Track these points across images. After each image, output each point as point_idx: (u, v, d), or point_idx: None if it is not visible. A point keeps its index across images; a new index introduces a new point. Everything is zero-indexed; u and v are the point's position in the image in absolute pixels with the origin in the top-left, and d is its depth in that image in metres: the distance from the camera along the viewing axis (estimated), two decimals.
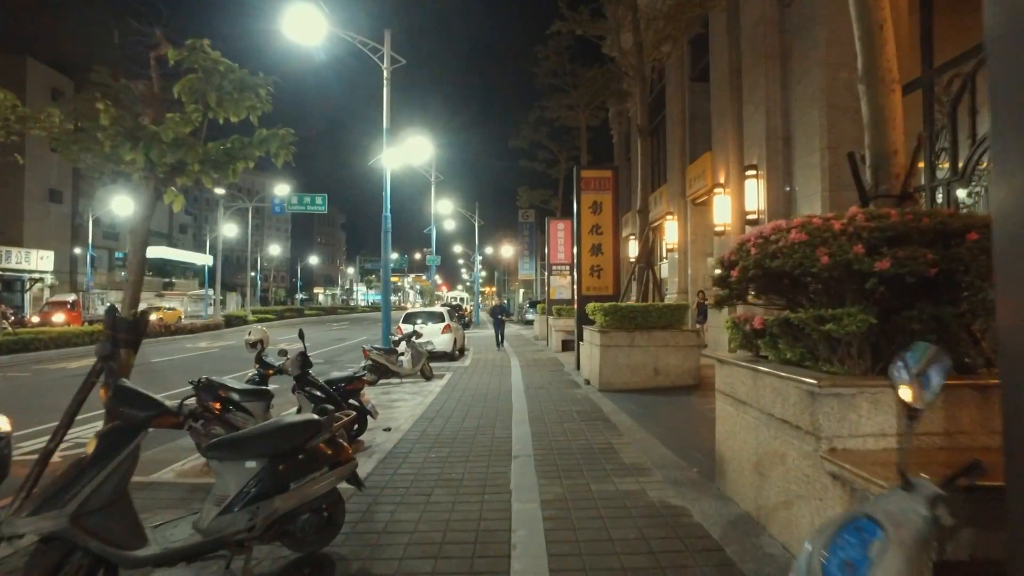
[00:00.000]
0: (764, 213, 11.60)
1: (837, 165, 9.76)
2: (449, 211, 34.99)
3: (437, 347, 15.78)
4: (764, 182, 11.60)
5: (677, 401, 8.39)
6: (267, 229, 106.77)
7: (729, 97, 13.25)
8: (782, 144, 11.44)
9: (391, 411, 8.79)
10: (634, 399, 8.56)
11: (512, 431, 6.74)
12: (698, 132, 16.94)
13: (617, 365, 9.39)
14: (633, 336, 9.42)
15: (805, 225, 3.22)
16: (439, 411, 8.30)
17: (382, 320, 13.80)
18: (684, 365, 9.49)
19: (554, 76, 19.26)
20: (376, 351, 11.89)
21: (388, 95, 13.75)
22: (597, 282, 12.24)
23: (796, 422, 3.12)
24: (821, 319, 3.11)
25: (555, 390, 9.93)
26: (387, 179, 13.74)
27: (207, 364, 15.56)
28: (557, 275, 19.62)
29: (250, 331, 6.94)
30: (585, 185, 12.31)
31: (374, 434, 7.16)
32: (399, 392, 10.70)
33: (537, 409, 8.14)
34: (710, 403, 8.44)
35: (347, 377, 6.95)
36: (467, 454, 5.76)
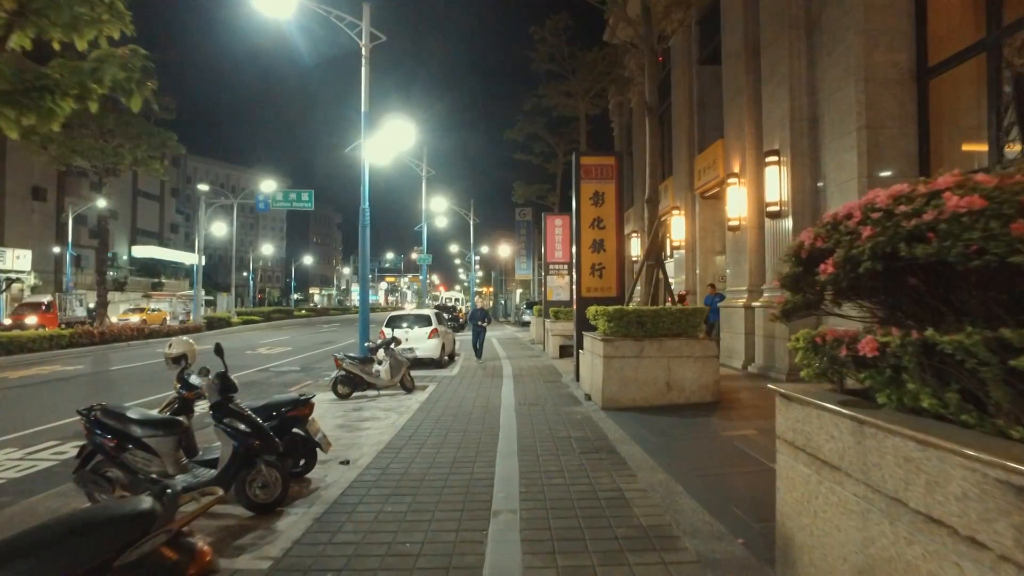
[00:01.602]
0: (787, 204, 10.27)
1: (877, 147, 8.44)
2: (444, 209, 33.63)
3: (422, 353, 14.44)
4: (787, 169, 10.27)
5: (696, 425, 7.05)
6: (261, 229, 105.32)
7: (745, 77, 11.92)
8: (808, 126, 10.11)
9: (357, 434, 7.44)
10: (644, 421, 7.22)
11: (496, 468, 5.40)
12: (707, 120, 15.63)
13: (623, 379, 8.06)
14: (641, 345, 8.08)
15: (976, 186, 1.87)
16: (412, 435, 6.96)
17: (359, 324, 12.44)
18: (701, 379, 8.15)
19: (551, 61, 17.92)
20: (349, 360, 10.54)
21: (367, 75, 12.41)
22: (599, 282, 10.89)
23: (970, 532, 1.76)
24: (1004, 345, 1.78)
25: (551, 407, 8.58)
26: (365, 168, 12.39)
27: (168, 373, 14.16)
28: (555, 275, 18.27)
29: (171, 343, 5.58)
30: (585, 173, 10.96)
31: (327, 468, 5.83)
32: (372, 408, 9.36)
33: (528, 434, 6.79)
34: (738, 428, 6.88)
35: (290, 401, 5.59)
36: (434, 507, 4.41)
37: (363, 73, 12.43)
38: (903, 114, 8.41)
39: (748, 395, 8.75)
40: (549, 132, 22.59)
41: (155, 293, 58.23)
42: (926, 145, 8.34)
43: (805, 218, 10.10)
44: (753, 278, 11.76)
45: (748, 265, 11.84)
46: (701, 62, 15.75)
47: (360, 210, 12.45)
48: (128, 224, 68.19)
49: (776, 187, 10.49)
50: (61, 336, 18.74)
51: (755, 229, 11.84)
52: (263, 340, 24.96)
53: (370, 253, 12.22)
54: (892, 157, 8.41)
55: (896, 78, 8.41)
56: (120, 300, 51.65)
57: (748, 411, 7.66)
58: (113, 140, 19.37)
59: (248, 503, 4.54)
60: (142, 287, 62.00)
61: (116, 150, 19.46)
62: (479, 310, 17.13)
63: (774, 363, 10.39)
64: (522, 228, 42.40)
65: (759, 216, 11.76)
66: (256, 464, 4.59)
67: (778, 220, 10.53)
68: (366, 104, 12.52)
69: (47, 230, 50.19)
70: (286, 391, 11.54)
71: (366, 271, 12.39)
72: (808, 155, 10.10)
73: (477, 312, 16.93)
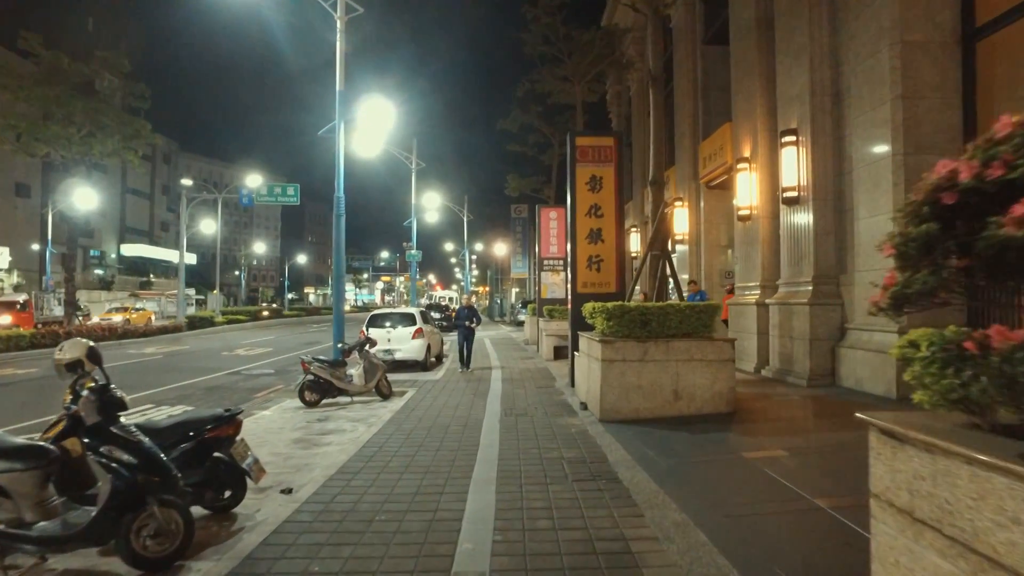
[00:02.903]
0: (807, 188, 9.19)
1: (916, 119, 7.35)
2: (436, 205, 32.47)
3: (406, 355, 13.35)
4: (806, 150, 9.19)
5: (712, 442, 5.95)
6: (256, 228, 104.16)
7: (757, 52, 10.83)
8: (830, 102, 9.04)
9: (313, 452, 6.34)
10: (649, 437, 6.13)
11: (467, 503, 4.30)
12: (713, 103, 14.56)
13: (624, 386, 6.96)
14: (646, 347, 6.99)
15: None
16: (375, 454, 5.86)
17: (334, 323, 11.33)
18: (714, 386, 7.06)
19: (546, 43, 16.81)
20: (318, 363, 9.43)
21: (341, 50, 11.30)
22: (596, 277, 9.80)
23: None
24: None
25: (541, 418, 7.49)
26: (340, 152, 11.28)
27: (128, 377, 13.05)
28: (549, 271, 17.17)
29: (62, 346, 4.44)
30: (581, 155, 9.87)
31: (263, 498, 4.77)
32: (340, 418, 8.26)
33: (512, 454, 5.69)
34: (763, 447, 5.62)
35: (211, 418, 4.47)
36: (376, 565, 3.31)
37: (338, 48, 11.33)
38: (945, 82, 7.33)
39: (767, 404, 7.66)
40: (544, 122, 21.49)
41: (143, 292, 57.00)
42: (972, 117, 7.26)
43: (827, 204, 9.02)
44: (766, 272, 10.68)
45: (760, 258, 10.76)
46: (706, 42, 14.67)
47: (334, 198, 11.33)
48: (117, 222, 66.95)
49: (794, 170, 9.40)
50: (21, 337, 17.59)
51: (768, 218, 10.75)
52: (245, 340, 23.82)
53: (365, 252, 11.19)
54: (932, 131, 7.33)
55: (937, 40, 7.33)
56: (107, 299, 50.50)
57: (771, 425, 6.57)
58: (83, 129, 18.21)
59: (133, 558, 3.45)
60: (130, 286, 60.77)
61: (85, 140, 18.30)
62: (465, 308, 13.87)
63: (792, 366, 9.31)
64: (518, 225, 41.23)
65: (772, 204, 10.68)
66: (146, 505, 3.49)
67: (796, 207, 9.45)
68: (341, 82, 11.41)
69: (31, 227, 48.95)
70: (251, 397, 10.44)
71: (341, 265, 11.28)
72: (830, 134, 9.02)
73: (463, 311, 13.69)
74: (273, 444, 6.76)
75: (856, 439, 6.00)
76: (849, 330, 8.54)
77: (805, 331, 8.95)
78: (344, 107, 11.67)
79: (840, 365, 8.55)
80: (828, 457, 5.12)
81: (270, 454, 6.28)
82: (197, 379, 12.56)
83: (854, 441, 5.56)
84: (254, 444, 6.85)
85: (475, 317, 13.51)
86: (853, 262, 8.55)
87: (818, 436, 5.87)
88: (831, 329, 8.81)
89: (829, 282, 8.97)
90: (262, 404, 9.61)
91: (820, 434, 5.96)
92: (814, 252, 9.01)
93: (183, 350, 19.66)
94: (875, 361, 7.68)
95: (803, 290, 9.21)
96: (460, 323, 13.43)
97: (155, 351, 19.13)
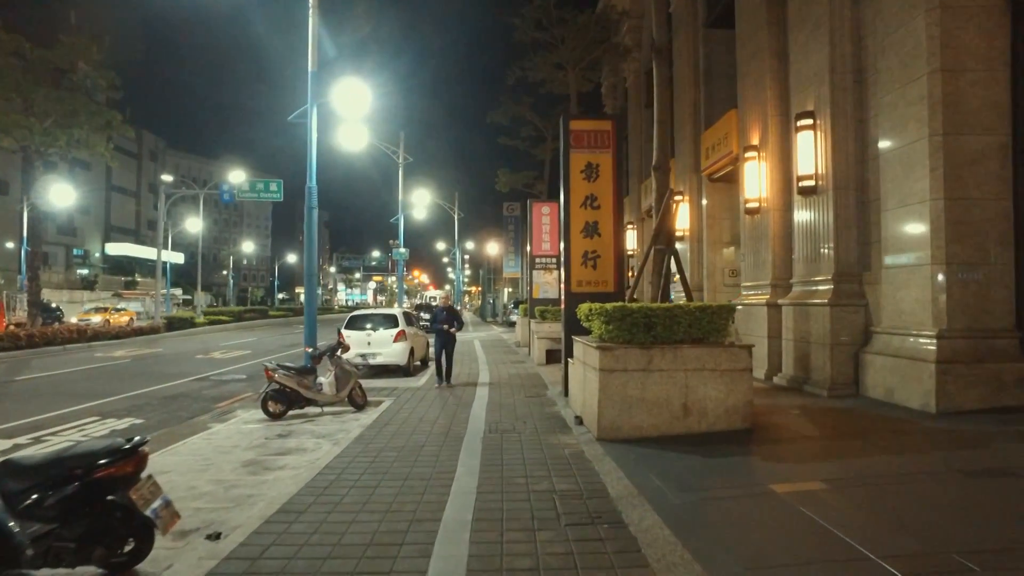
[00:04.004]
0: (826, 177, 8.30)
1: (955, 96, 6.47)
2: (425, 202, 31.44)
3: (387, 359, 12.39)
4: (825, 134, 8.30)
5: (732, 470, 5.03)
6: (246, 227, 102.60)
7: (767, 29, 9.94)
8: (852, 80, 8.15)
9: (262, 479, 5.39)
10: (657, 462, 5.20)
11: (431, 560, 3.36)
12: (716, 91, 13.66)
13: (626, 399, 6.04)
14: (650, 355, 6.06)
15: None
16: (331, 484, 4.91)
17: (305, 326, 10.35)
18: (729, 399, 6.15)
19: (538, 28, 15.87)
20: (283, 371, 8.46)
21: (314, 26, 10.32)
22: (592, 274, 8.87)
23: None
24: None
25: (530, 436, 6.55)
26: (312, 138, 10.30)
27: (81, 384, 12.02)
28: (541, 270, 16.25)
29: None
30: (576, 141, 8.94)
31: (183, 547, 3.83)
32: (303, 433, 7.30)
33: (494, 486, 4.75)
34: (795, 477, 4.64)
35: (104, 452, 3.48)
36: None
37: (310, 24, 10.34)
38: (991, 52, 6.45)
39: (788, 419, 6.75)
40: (536, 114, 20.57)
41: (127, 292, 55.63)
42: (1022, 92, 6.39)
43: (849, 193, 8.14)
44: (777, 270, 9.79)
45: (771, 255, 9.87)
46: (708, 25, 13.75)
47: (305, 189, 10.36)
48: (101, 220, 65.51)
49: (810, 157, 8.51)
50: None
51: (779, 211, 9.87)
52: (224, 342, 22.75)
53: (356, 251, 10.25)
54: (975, 108, 6.45)
55: (982, 4, 6.45)
56: (89, 299, 49.18)
57: (797, 446, 5.66)
58: (47, 118, 17.10)
59: None
60: (115, 285, 59.35)
61: (50, 130, 17.19)
62: (443, 308, 11.32)
63: (809, 374, 8.42)
64: (510, 223, 40.38)
65: (784, 195, 9.79)
66: None
67: (813, 197, 8.56)
68: (314, 63, 10.43)
69: (10, 224, 47.53)
70: (212, 407, 9.45)
71: (313, 262, 10.30)
72: (852, 115, 8.14)
73: (441, 311, 11.16)
74: (219, 468, 5.80)
75: (911, 467, 4.81)
76: (875, 334, 7.65)
77: (824, 335, 8.06)
78: (318, 90, 10.71)
79: (865, 373, 7.66)
80: (879, 493, 4.20)
81: (211, 481, 5.33)
82: (158, 386, 11.55)
83: (908, 470, 4.65)
84: (197, 468, 5.91)
85: (455, 320, 11.03)
86: (879, 258, 7.67)
87: (859, 463, 4.95)
88: (854, 332, 7.92)
89: (851, 280, 8.08)
90: (222, 415, 8.63)
91: (861, 460, 5.04)
92: (834, 247, 8.12)
93: (155, 353, 18.59)
94: (909, 369, 6.79)
95: (821, 289, 8.32)
96: (437, 327, 10.90)
97: (124, 354, 18.05)
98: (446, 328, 10.80)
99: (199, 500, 4.81)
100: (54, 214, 49.69)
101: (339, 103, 11.27)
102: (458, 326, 11.07)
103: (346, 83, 11.11)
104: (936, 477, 4.55)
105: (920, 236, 6.75)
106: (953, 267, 6.48)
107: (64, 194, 31.55)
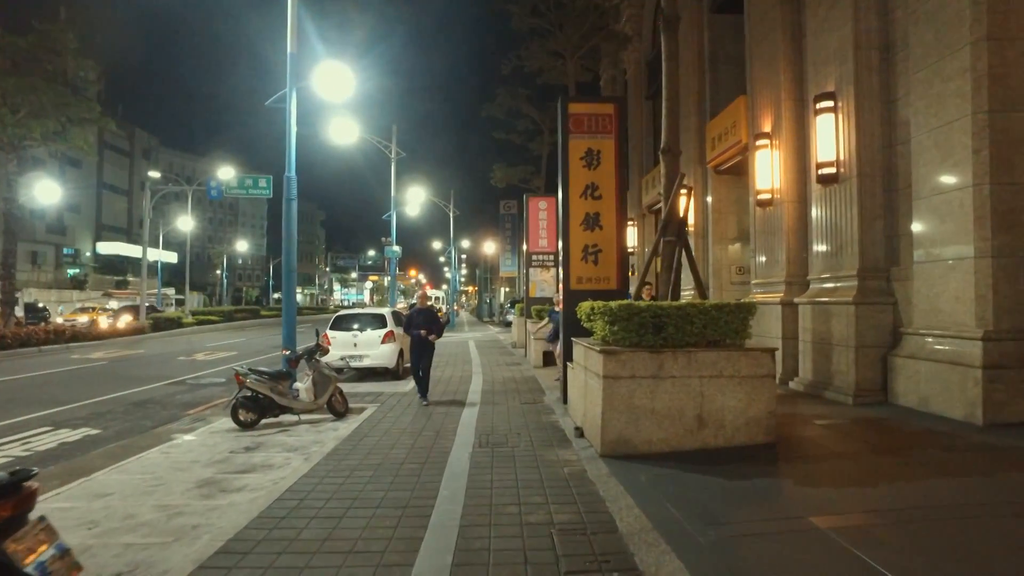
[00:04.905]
0: (849, 163, 7.59)
1: (1003, 67, 5.76)
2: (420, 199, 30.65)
3: (374, 362, 11.65)
4: (848, 117, 7.59)
5: (762, 496, 4.30)
6: (240, 226, 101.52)
7: (781, 7, 9.23)
8: (878, 56, 7.44)
9: (214, 504, 4.65)
10: (672, 486, 4.48)
11: None
12: (722, 78, 12.97)
13: (633, 409, 5.31)
14: (661, 359, 5.34)
15: None
16: (289, 513, 4.17)
17: (283, 326, 9.60)
18: (749, 409, 5.43)
19: (535, 14, 15.13)
20: (256, 376, 7.72)
21: (294, 5, 9.56)
22: (593, 270, 8.15)
23: None
24: None
25: (525, 452, 5.82)
26: (291, 124, 9.55)
27: (46, 389, 11.25)
28: (538, 267, 15.52)
29: None
30: (575, 125, 8.21)
31: None
32: (274, 446, 6.55)
33: (481, 517, 4.02)
34: (835, 504, 3.87)
35: None
36: None
37: (289, 2, 9.59)
38: None
39: (814, 432, 6.02)
40: (533, 106, 19.82)
41: (118, 292, 54.70)
42: None
43: (875, 180, 7.42)
44: (792, 266, 9.09)
45: (785, 250, 9.16)
46: (714, 10, 13.06)
47: (284, 179, 9.61)
48: (92, 219, 64.49)
49: (831, 142, 7.80)
50: None
51: (794, 203, 9.16)
52: (210, 343, 21.97)
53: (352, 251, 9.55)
54: None
55: None
56: (79, 299, 48.32)
57: (831, 466, 4.93)
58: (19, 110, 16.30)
59: None
60: (106, 285, 58.41)
61: (23, 120, 16.38)
62: (419, 310, 9.14)
63: (830, 379, 7.71)
64: (507, 222, 39.63)
65: (799, 186, 9.10)
66: None
67: (834, 186, 7.85)
68: (293, 44, 9.68)
69: None
70: (181, 415, 8.70)
71: (292, 257, 9.54)
72: (878, 96, 7.43)
73: (417, 314, 9.03)
74: (169, 489, 5.06)
75: (971, 493, 3.90)
76: (906, 335, 6.94)
77: (847, 336, 7.35)
78: (299, 74, 9.96)
79: (895, 378, 6.94)
80: (940, 529, 3.49)
81: (155, 507, 4.59)
82: (129, 391, 10.78)
83: (968, 497, 3.90)
84: (144, 489, 5.14)
85: (434, 323, 8.93)
86: (909, 252, 6.96)
87: (908, 489, 4.23)
88: (881, 334, 7.21)
89: (878, 276, 7.37)
90: (190, 424, 7.90)
91: (909, 484, 4.31)
92: (859, 240, 7.41)
93: (135, 355, 17.81)
94: (949, 375, 6.08)
95: (844, 286, 7.61)
96: (412, 331, 8.85)
97: (102, 356, 17.26)
98: (423, 334, 8.77)
99: (132, 533, 4.07)
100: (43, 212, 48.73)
101: (320, 87, 10.50)
102: (436, 331, 8.93)
103: (328, 66, 10.35)
104: (1004, 508, 3.83)
105: (960, 227, 6.04)
106: (1000, 261, 5.77)
107: (50, 191, 30.70)
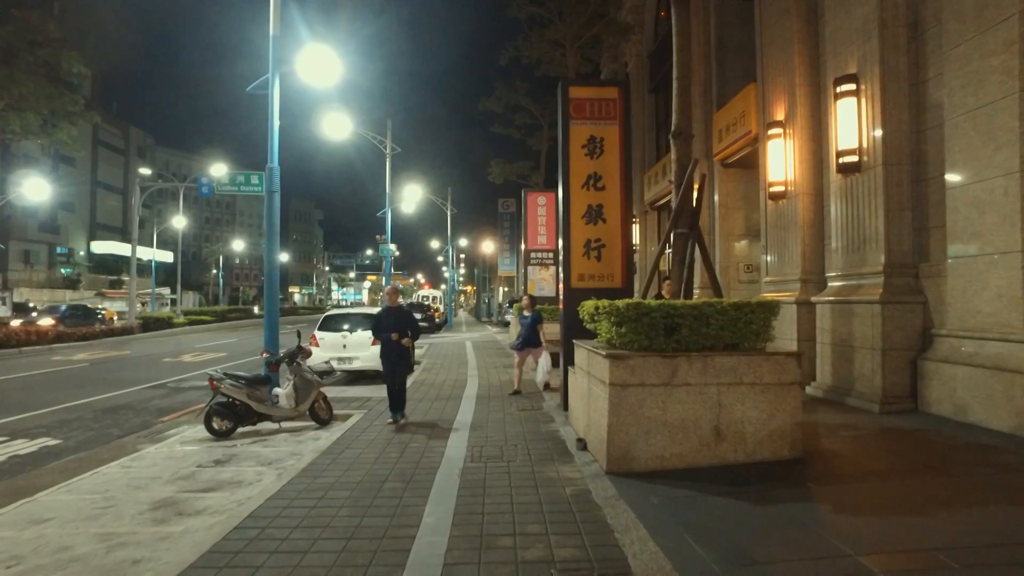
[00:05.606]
0: (873, 151, 7.00)
1: None
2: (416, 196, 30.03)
3: (365, 364, 11.09)
4: (871, 101, 7.01)
5: (797, 526, 3.71)
6: (237, 225, 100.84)
7: None
8: (905, 34, 6.86)
9: (165, 532, 4.06)
10: (691, 511, 3.90)
11: None
12: (730, 67, 12.41)
13: (642, 420, 4.73)
14: (674, 364, 4.76)
15: None
16: (248, 545, 3.59)
17: (265, 327, 9.02)
18: (772, 421, 4.84)
19: (534, 2, 14.54)
20: (231, 381, 7.15)
21: None
22: (596, 267, 7.56)
23: None
24: None
25: (521, 468, 5.22)
26: (274, 111, 8.96)
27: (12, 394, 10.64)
28: (537, 265, 14.94)
29: None
30: (576, 111, 7.63)
31: None
32: (248, 458, 5.96)
33: (470, 553, 3.43)
34: (886, 535, 3.18)
35: None
36: None
37: None
38: None
39: (843, 445, 5.43)
40: (532, 100, 19.22)
41: (111, 291, 54.02)
42: None
43: (903, 169, 6.84)
44: (808, 262, 8.51)
45: (800, 245, 8.59)
46: None
47: (267, 169, 9.02)
48: (86, 217, 63.73)
49: (853, 128, 7.22)
50: None
51: (809, 195, 8.59)
52: (199, 344, 21.36)
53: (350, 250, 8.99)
54: None
55: None
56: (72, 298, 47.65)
57: (869, 487, 4.33)
58: None
59: None
60: (100, 284, 57.71)
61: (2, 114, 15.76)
62: (389, 310, 7.60)
63: (852, 384, 7.12)
64: (505, 220, 39.06)
65: (815, 177, 8.53)
66: None
67: (856, 176, 7.26)
68: (276, 25, 9.08)
69: None
70: (153, 422, 8.13)
71: (274, 253, 8.94)
72: (906, 77, 6.84)
73: (387, 315, 7.50)
74: (119, 512, 4.46)
75: None
76: (939, 337, 6.35)
77: (873, 338, 6.76)
78: (283, 58, 9.36)
79: (927, 385, 6.36)
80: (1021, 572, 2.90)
81: (96, 536, 3.99)
82: (103, 395, 10.20)
83: None
84: (90, 513, 4.46)
85: (408, 325, 7.39)
86: (942, 246, 6.38)
87: (965, 516, 3.64)
88: (910, 335, 6.63)
89: (906, 273, 6.79)
90: (160, 433, 7.29)
91: (965, 511, 3.72)
92: (885, 234, 6.82)
93: (119, 356, 17.20)
94: (991, 382, 5.49)
95: (868, 284, 7.02)
96: (383, 335, 7.36)
97: (84, 358, 16.64)
98: (395, 338, 7.27)
99: (59, 573, 3.47)
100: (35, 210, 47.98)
101: (305, 71, 9.90)
102: (412, 334, 7.44)
103: (313, 49, 9.75)
104: None
105: (1005, 217, 5.46)
106: None
107: (39, 188, 30.07)
